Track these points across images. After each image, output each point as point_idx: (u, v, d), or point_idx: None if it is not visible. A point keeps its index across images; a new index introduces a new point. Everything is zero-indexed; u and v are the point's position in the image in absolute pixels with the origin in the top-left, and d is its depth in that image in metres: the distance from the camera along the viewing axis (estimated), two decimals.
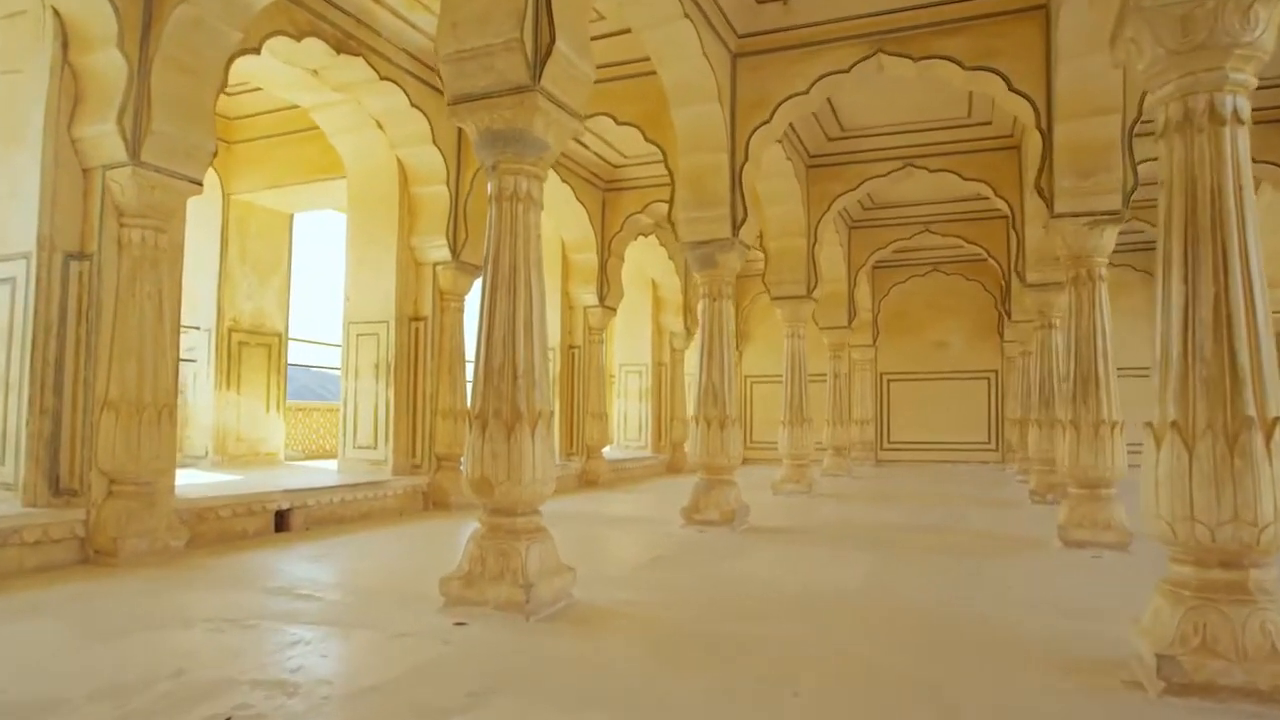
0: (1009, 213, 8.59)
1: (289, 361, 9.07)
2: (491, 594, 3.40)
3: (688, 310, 12.97)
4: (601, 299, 10.08)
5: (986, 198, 11.16)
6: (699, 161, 6.36)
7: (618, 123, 6.87)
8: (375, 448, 7.23)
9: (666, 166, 6.63)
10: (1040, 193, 5.54)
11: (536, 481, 3.50)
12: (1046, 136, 5.54)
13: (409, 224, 7.36)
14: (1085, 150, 5.39)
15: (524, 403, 3.49)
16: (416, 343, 7.34)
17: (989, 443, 14.61)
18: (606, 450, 11.08)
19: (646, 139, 6.75)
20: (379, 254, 7.34)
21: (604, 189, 10.21)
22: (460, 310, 7.60)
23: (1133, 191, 5.33)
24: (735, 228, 6.29)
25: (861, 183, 9.08)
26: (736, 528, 6.15)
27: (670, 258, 12.34)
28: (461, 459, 5.00)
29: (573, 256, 10.10)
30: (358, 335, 7.39)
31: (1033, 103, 5.61)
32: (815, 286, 9.18)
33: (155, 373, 4.68)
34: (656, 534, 5.99)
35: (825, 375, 12.15)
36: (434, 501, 7.22)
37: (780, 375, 9.23)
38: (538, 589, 3.40)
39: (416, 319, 7.37)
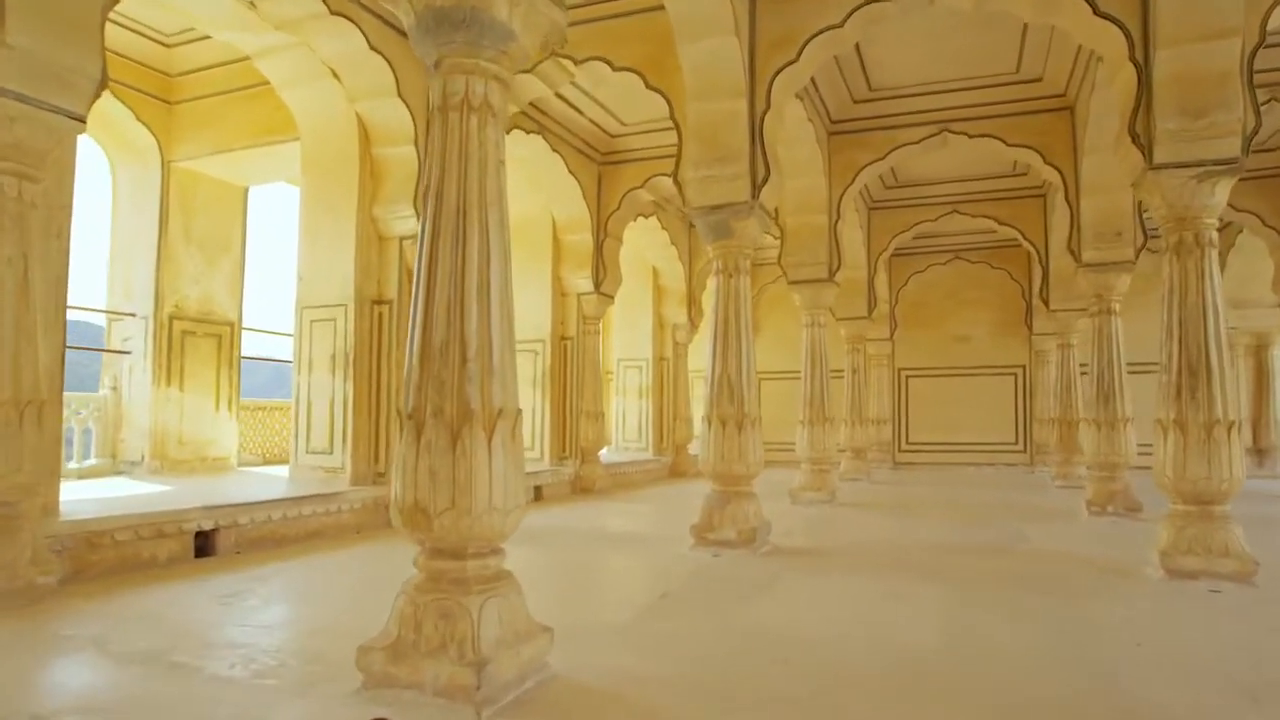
0: (1061, 183, 7.53)
1: (243, 354, 8.00)
2: (429, 673, 2.35)
3: (692, 301, 11.92)
4: (597, 285, 9.02)
5: (1023, 174, 10.19)
6: (711, 110, 5.31)
7: (614, 68, 5.81)
8: (331, 452, 6.18)
9: (672, 119, 5.59)
10: (1135, 139, 4.49)
11: (495, 510, 2.44)
12: (1143, 69, 4.49)
13: (371, 191, 6.31)
14: (1195, 83, 4.33)
15: (476, 397, 2.44)
16: (380, 330, 6.29)
17: (1016, 443, 13.56)
18: (604, 453, 10.04)
19: (648, 86, 5.69)
20: (337, 225, 6.29)
21: (600, 161, 9.16)
22: None
23: (1254, 134, 4.27)
24: (755, 189, 5.24)
25: (890, 150, 8.02)
26: (757, 549, 5.10)
27: (673, 242, 11.29)
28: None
29: (565, 237, 9.04)
30: (311, 321, 6.34)
31: (1124, 27, 4.55)
32: (838, 269, 8.13)
33: (15, 363, 3.62)
34: (662, 558, 4.94)
35: (842, 371, 11.11)
36: None
37: (791, 371, 8.22)
38: (495, 665, 2.35)
39: (380, 302, 6.32)
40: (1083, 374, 10.57)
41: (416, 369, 2.48)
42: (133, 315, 7.30)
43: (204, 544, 4.80)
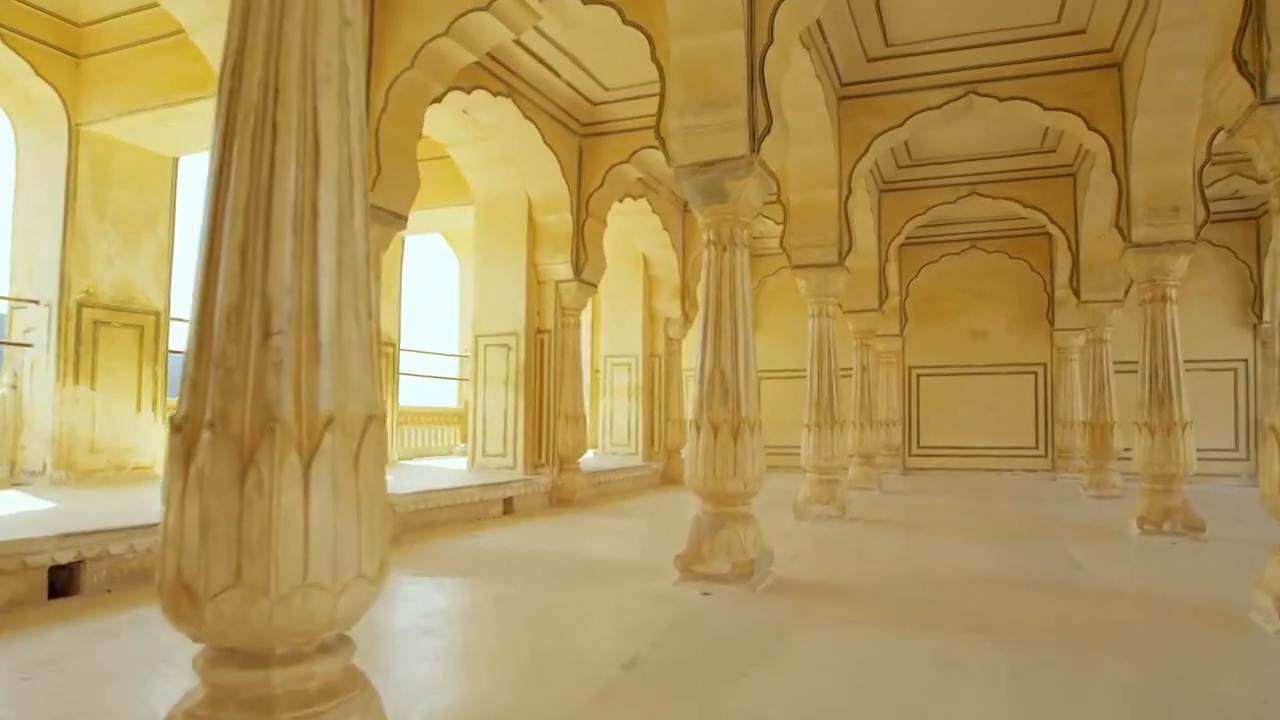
0: (1106, 150, 6.53)
1: (169, 348, 7.01)
2: None
3: (686, 292, 10.93)
4: (577, 271, 8.03)
5: (1051, 150, 9.21)
6: (701, 44, 4.32)
7: (585, 1, 4.83)
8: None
9: (654, 59, 4.61)
10: (1241, 67, 3.50)
11: (317, 586, 1.46)
12: None
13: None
14: None
15: (288, 396, 1.46)
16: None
17: (1036, 448, 12.57)
18: (588, 456, 9.06)
19: (625, 21, 4.71)
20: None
21: (581, 133, 8.17)
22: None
23: None
24: (755, 141, 4.26)
25: (909, 117, 7.04)
26: (756, 584, 4.11)
27: (665, 227, 10.29)
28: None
29: (541, 218, 8.05)
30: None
31: None
32: (849, 251, 7.15)
33: None
34: (638, 599, 3.96)
35: (850, 369, 10.12)
36: None
37: (792, 369, 7.27)
38: None
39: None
40: (1120, 372, 9.63)
41: (191, 355, 1.50)
42: (35, 302, 6.31)
43: (61, 583, 3.83)
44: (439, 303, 13.40)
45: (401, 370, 9.94)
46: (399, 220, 5.54)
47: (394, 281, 9.59)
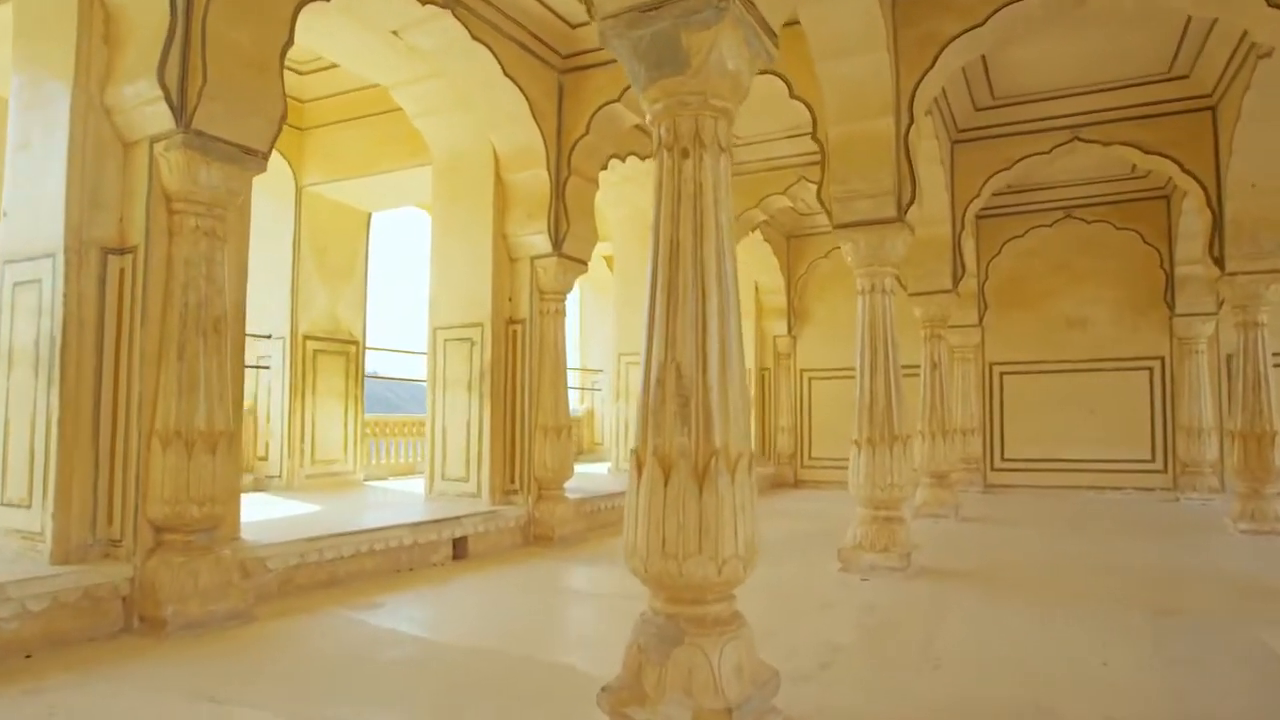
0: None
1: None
2: None
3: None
4: (557, 243, 6.27)
5: (1183, 77, 7.03)
6: None
7: None
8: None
9: None
10: None
11: None
12: None
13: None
14: None
15: None
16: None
17: (1151, 460, 10.23)
18: (603, 473, 7.30)
19: None
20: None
21: (561, 67, 6.41)
22: None
23: None
24: None
25: (992, 13, 5.04)
26: None
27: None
28: None
29: (510, 176, 6.31)
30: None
31: None
32: (911, 202, 5.20)
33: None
34: None
35: (916, 366, 8.13)
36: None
37: (847, 369, 5.30)
38: None
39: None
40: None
41: None
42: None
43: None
44: (416, 290, 12.12)
45: (368, 373, 8.37)
46: (252, 157, 3.88)
47: (354, 265, 7.99)
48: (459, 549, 5.59)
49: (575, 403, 11.18)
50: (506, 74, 5.75)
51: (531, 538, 6.20)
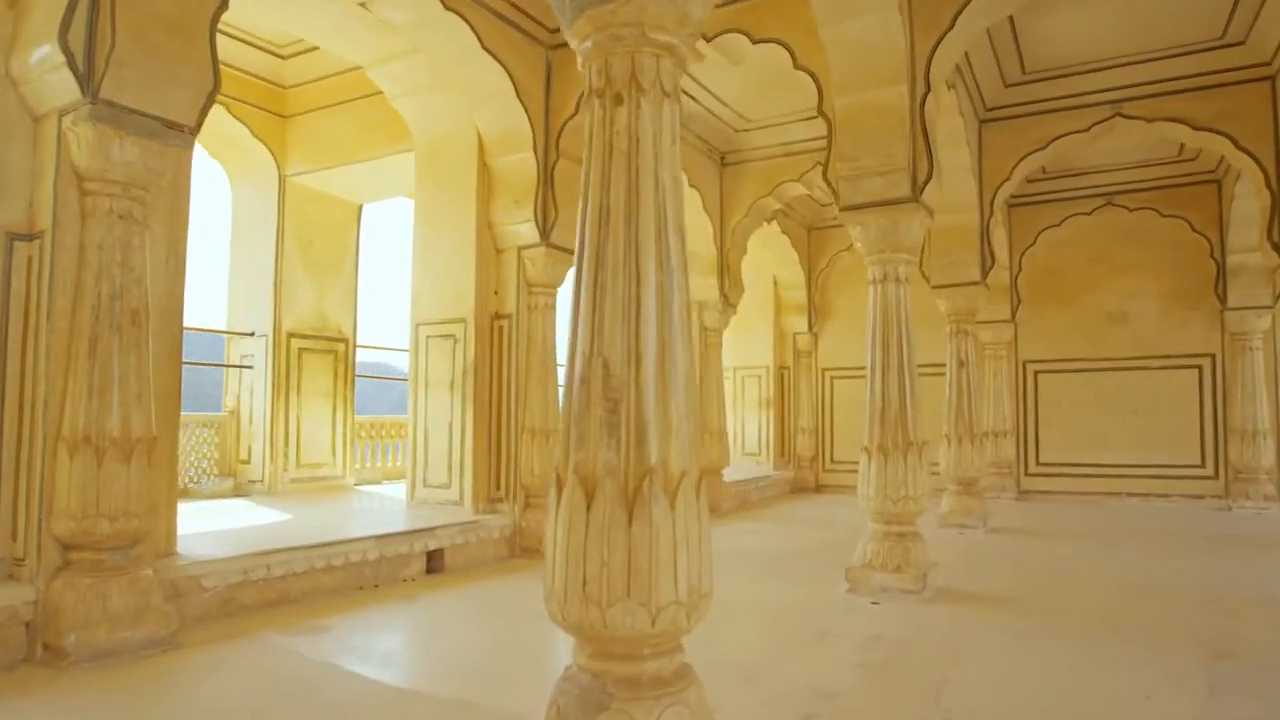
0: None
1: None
2: None
3: (726, 269, 8.57)
4: (545, 232, 5.82)
5: (1238, 43, 6.36)
6: None
7: None
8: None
9: None
10: None
11: None
12: None
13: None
14: None
15: None
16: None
17: (1201, 465, 9.48)
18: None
19: None
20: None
21: (549, 43, 5.95)
22: None
23: None
24: None
25: None
26: None
27: (693, 185, 7.96)
28: None
29: (495, 160, 5.87)
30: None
31: None
32: (928, 179, 4.65)
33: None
34: None
35: (941, 365, 7.55)
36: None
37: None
38: None
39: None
40: None
41: None
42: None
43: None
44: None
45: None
46: (176, 132, 3.48)
47: (343, 259, 7.62)
48: (435, 562, 5.15)
49: None
50: (485, 48, 5.31)
51: (518, 549, 5.75)
